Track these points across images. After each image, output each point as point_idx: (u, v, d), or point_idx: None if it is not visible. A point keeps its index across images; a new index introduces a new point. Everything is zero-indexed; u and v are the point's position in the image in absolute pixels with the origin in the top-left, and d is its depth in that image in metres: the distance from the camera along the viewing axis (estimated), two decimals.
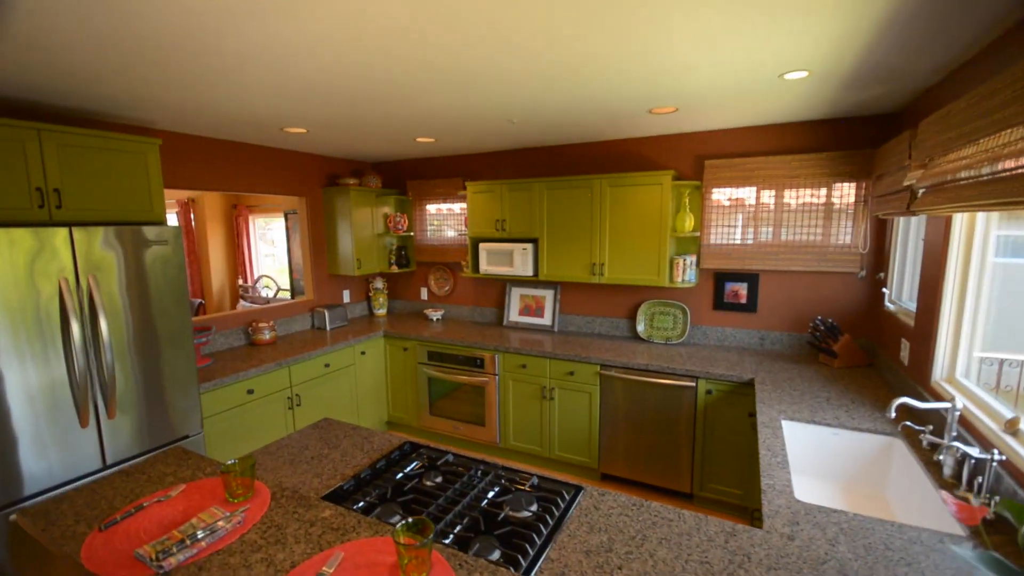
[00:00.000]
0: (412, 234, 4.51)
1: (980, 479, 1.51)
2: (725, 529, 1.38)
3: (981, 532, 1.34)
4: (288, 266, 5.31)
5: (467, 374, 3.67)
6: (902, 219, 2.75)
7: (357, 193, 4.07)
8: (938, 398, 2.03)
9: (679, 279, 3.30)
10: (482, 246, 3.83)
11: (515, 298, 4.10)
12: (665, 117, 2.91)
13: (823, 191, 3.02)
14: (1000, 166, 1.42)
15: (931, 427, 1.87)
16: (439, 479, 1.65)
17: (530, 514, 1.45)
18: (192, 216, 6.00)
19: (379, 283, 4.60)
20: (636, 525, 1.39)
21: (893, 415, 1.71)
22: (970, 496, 1.50)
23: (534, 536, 1.32)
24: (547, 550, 1.27)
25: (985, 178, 1.56)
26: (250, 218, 6.33)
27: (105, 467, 2.24)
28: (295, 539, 1.27)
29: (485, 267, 3.84)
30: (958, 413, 1.69)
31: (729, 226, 3.28)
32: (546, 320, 3.97)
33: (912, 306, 2.54)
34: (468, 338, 3.66)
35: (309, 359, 3.35)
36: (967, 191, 1.67)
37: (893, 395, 2.42)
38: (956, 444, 1.61)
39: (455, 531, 1.36)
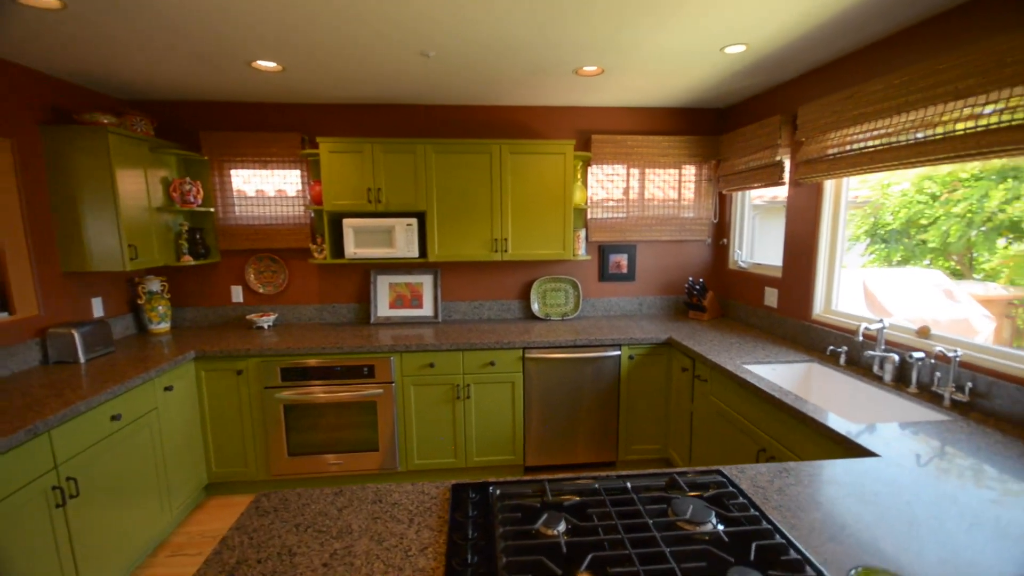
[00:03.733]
0: (212, 210, 3.14)
1: (915, 376, 1.95)
2: (865, 467, 1.37)
3: None
4: None
5: (349, 389, 2.78)
6: (740, 193, 3.41)
7: (120, 141, 2.57)
8: (824, 326, 2.57)
9: (579, 252, 3.29)
10: (348, 223, 2.95)
11: (383, 288, 3.35)
12: (563, 85, 2.81)
13: (676, 171, 3.47)
14: (904, 137, 1.82)
15: (847, 348, 2.35)
16: (563, 525, 1.11)
17: (714, 524, 1.12)
18: None
19: (155, 284, 3.05)
20: (824, 490, 1.25)
21: (861, 339, 2.07)
22: None
23: (785, 545, 1.02)
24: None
25: (901, 144, 1.99)
26: None
27: None
28: None
29: (353, 250, 2.98)
30: (886, 330, 2.15)
31: (611, 200, 3.44)
32: (426, 310, 3.37)
33: (764, 261, 3.17)
34: (338, 342, 2.77)
35: (86, 412, 1.92)
36: (862, 157, 2.12)
37: (768, 334, 2.96)
38: (893, 354, 2.04)
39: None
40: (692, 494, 1.21)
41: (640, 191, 3.46)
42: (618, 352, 2.92)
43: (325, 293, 3.36)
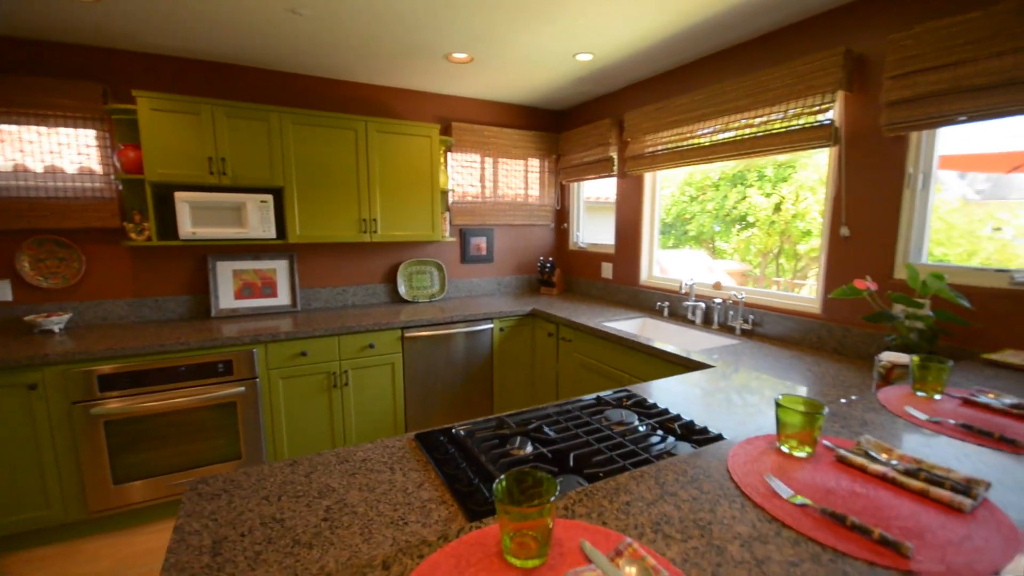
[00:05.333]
0: None
1: (716, 317, 2.66)
2: (721, 374, 1.86)
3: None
4: None
5: (199, 391, 2.36)
6: (576, 184, 3.96)
7: None
8: (650, 289, 3.22)
9: (446, 234, 3.39)
10: (181, 197, 2.49)
11: (226, 276, 2.90)
12: (432, 70, 2.91)
13: (524, 162, 3.87)
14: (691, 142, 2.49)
15: (668, 303, 3.01)
16: (531, 446, 1.27)
17: (641, 420, 1.42)
18: None
19: None
20: (694, 390, 1.66)
21: (685, 290, 2.68)
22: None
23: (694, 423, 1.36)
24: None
25: (701, 145, 2.67)
26: None
27: None
28: None
29: (191, 229, 2.53)
30: (693, 285, 2.83)
31: (470, 185, 3.64)
32: (282, 299, 3.05)
33: (598, 241, 3.77)
34: (180, 337, 2.34)
35: None
36: (674, 155, 2.78)
37: (607, 300, 3.55)
38: (701, 303, 2.73)
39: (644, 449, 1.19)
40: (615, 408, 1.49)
41: (495, 179, 3.74)
42: (491, 325, 3.14)
43: (143, 285, 2.75)
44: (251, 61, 2.78)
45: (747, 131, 2.37)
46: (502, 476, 0.67)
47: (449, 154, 3.51)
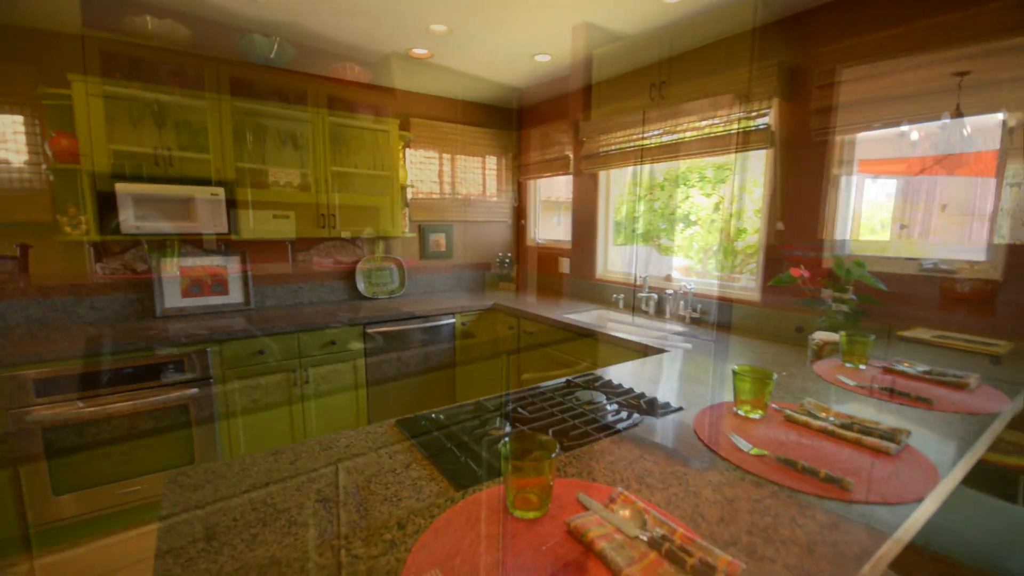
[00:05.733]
0: None
1: (668, 307, 2.84)
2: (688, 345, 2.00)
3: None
4: None
5: (149, 393, 2.24)
6: (533, 182, 4.06)
7: None
8: (605, 282, 3.37)
9: (405, 230, 3.38)
10: (123, 189, 2.34)
11: (171, 274, 2.75)
12: (392, 65, 2.91)
13: (482, 159, 3.92)
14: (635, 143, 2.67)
15: (623, 295, 3.16)
16: (508, 427, 1.33)
17: (608, 399, 1.52)
18: None
19: None
20: (654, 372, 1.78)
21: (639, 282, 2.83)
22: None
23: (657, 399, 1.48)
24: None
25: (650, 146, 2.83)
26: None
27: None
28: None
29: (134, 223, 2.39)
30: (647, 278, 3.00)
31: (430, 181, 3.64)
32: (234, 297, 2.93)
33: (557, 237, 3.89)
34: (125, 337, 2.21)
35: None
36: (627, 155, 2.94)
37: (565, 294, 3.67)
38: (654, 295, 2.90)
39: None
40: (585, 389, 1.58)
41: (453, 175, 3.77)
42: (452, 320, 3.17)
43: (78, 283, 2.56)
44: (202, 48, 2.65)
45: (692, 134, 2.55)
46: (507, 438, 0.73)
47: (408, 150, 3.50)
